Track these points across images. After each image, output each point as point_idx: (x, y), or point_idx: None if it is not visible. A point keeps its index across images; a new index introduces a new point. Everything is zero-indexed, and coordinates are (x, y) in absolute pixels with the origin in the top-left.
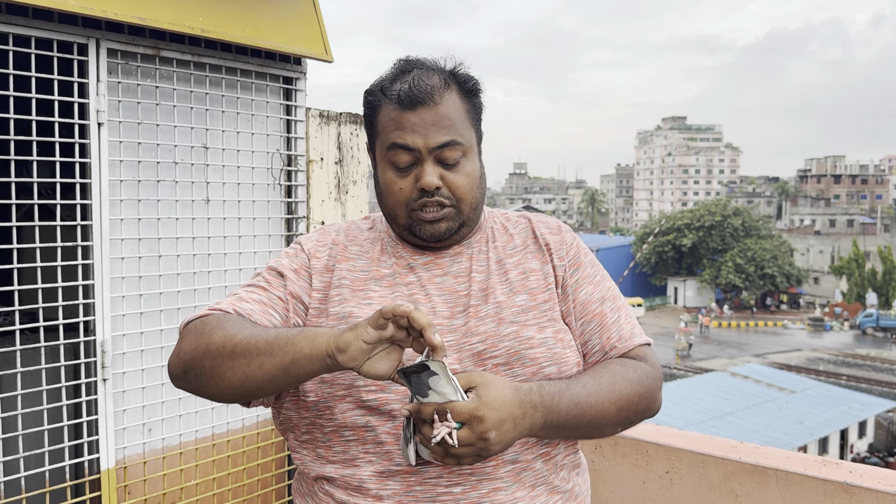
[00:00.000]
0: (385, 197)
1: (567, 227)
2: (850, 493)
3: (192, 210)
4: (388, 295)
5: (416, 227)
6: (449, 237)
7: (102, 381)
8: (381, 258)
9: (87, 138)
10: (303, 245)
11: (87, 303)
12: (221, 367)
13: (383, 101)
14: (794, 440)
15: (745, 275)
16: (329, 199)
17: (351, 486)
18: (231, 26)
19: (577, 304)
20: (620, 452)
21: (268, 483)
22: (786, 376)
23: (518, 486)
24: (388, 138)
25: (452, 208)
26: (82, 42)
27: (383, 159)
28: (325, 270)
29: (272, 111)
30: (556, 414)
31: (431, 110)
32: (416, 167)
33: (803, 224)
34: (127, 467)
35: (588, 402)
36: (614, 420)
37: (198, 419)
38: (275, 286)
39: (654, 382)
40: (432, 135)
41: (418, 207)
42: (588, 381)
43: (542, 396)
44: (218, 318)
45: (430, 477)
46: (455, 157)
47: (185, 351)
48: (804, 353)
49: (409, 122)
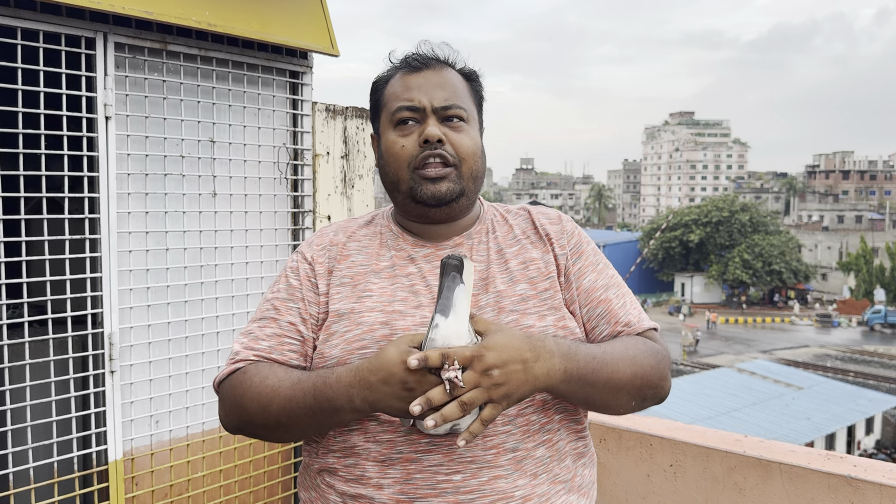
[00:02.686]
0: (388, 161)
1: (567, 217)
2: (854, 486)
3: (198, 204)
4: (387, 287)
5: (419, 188)
6: (449, 202)
7: (110, 372)
8: (381, 251)
9: (95, 132)
10: (304, 254)
11: (95, 295)
12: (272, 437)
13: (391, 75)
14: (801, 436)
15: (753, 271)
16: (335, 193)
17: (352, 475)
18: (238, 20)
19: (581, 291)
20: (625, 446)
21: (274, 475)
22: (793, 373)
23: (519, 475)
24: (393, 104)
25: (454, 168)
26: (90, 36)
27: (388, 125)
28: (327, 273)
29: (278, 105)
30: (574, 362)
31: (436, 73)
32: (420, 126)
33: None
34: (134, 458)
35: (604, 358)
36: (629, 385)
37: (205, 411)
38: (283, 312)
39: (665, 360)
40: (437, 94)
41: (420, 164)
42: (602, 345)
43: (557, 344)
44: (249, 380)
45: (431, 465)
46: (459, 119)
47: (232, 420)
48: (811, 349)
49: (414, 83)
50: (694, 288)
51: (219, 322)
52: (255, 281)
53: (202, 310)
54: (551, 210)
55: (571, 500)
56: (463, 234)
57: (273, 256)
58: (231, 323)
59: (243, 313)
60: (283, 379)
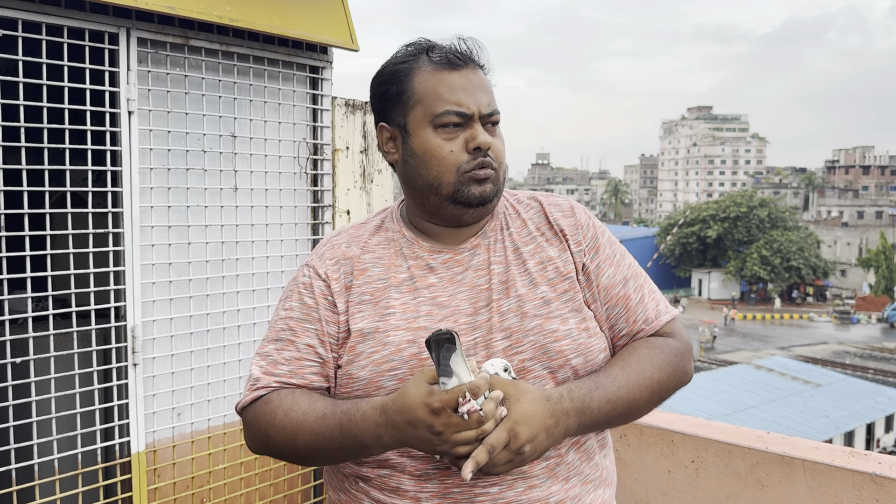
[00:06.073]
0: (427, 162)
1: (580, 207)
2: (880, 484)
3: (220, 198)
4: (409, 301)
5: (466, 189)
6: (487, 203)
7: (133, 365)
8: (396, 262)
9: (118, 126)
10: (316, 269)
11: (118, 289)
12: (301, 464)
13: (419, 67)
14: (820, 434)
15: (771, 267)
16: (354, 187)
17: (388, 486)
18: (259, 15)
19: (600, 288)
20: (646, 442)
21: (294, 467)
22: (811, 369)
23: (553, 482)
24: (438, 105)
25: (495, 172)
26: (113, 31)
27: (424, 124)
28: (344, 290)
29: (298, 100)
30: (588, 415)
31: (475, 74)
32: (463, 130)
33: (830, 216)
34: (156, 451)
35: (619, 395)
36: (647, 404)
37: (226, 404)
38: (300, 333)
39: (683, 358)
40: (482, 99)
41: (471, 168)
42: (617, 374)
43: (573, 401)
44: (272, 412)
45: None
46: (496, 124)
47: (258, 447)
48: (830, 346)
49: (457, 83)
50: (711, 284)
51: (240, 315)
52: (275, 275)
53: (224, 303)
54: (562, 199)
55: (599, 495)
56: (478, 234)
57: (293, 251)
58: (252, 317)
59: (264, 307)
60: (307, 412)
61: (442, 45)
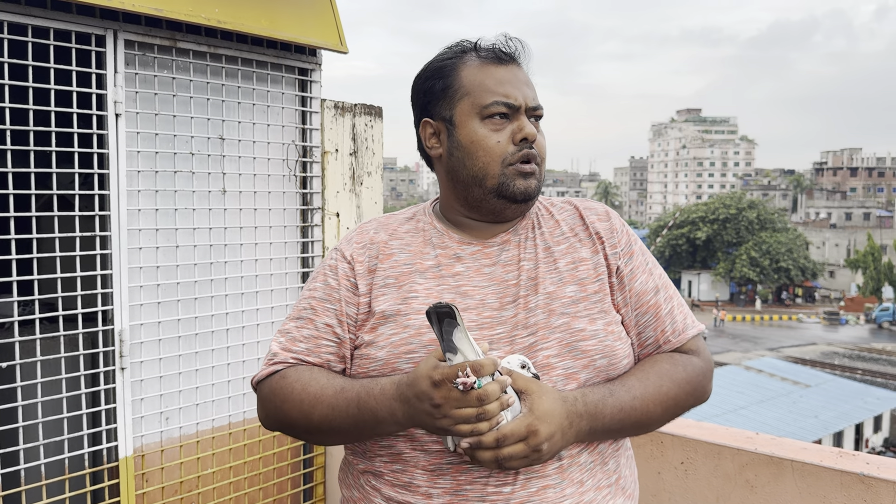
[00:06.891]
0: (474, 154)
1: (615, 213)
2: (868, 484)
3: (208, 201)
4: (433, 287)
5: (511, 182)
6: (531, 198)
7: (120, 369)
8: (424, 250)
9: (105, 129)
10: (343, 252)
11: (106, 292)
12: (312, 441)
13: (466, 62)
14: (809, 434)
15: (760, 268)
16: (344, 190)
17: (400, 482)
18: (247, 17)
19: (632, 294)
20: (635, 443)
21: (284, 472)
22: (800, 370)
23: (567, 483)
24: (486, 97)
25: (538, 167)
26: (100, 33)
27: (472, 116)
28: (367, 273)
29: (287, 102)
30: (600, 421)
31: (520, 69)
32: (510, 121)
33: (819, 217)
34: (144, 455)
35: (633, 405)
36: (660, 419)
37: (214, 408)
38: (320, 312)
39: (704, 377)
40: (528, 93)
41: (517, 161)
42: (634, 385)
43: (586, 405)
44: (290, 385)
45: (481, 476)
46: (539, 119)
47: (271, 422)
48: (819, 346)
49: (504, 77)
50: (701, 285)
51: (228, 319)
52: (264, 278)
53: (212, 307)
54: (598, 205)
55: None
56: (509, 231)
57: (282, 253)
58: (241, 320)
59: (253, 310)
60: (325, 387)
61: (488, 42)
